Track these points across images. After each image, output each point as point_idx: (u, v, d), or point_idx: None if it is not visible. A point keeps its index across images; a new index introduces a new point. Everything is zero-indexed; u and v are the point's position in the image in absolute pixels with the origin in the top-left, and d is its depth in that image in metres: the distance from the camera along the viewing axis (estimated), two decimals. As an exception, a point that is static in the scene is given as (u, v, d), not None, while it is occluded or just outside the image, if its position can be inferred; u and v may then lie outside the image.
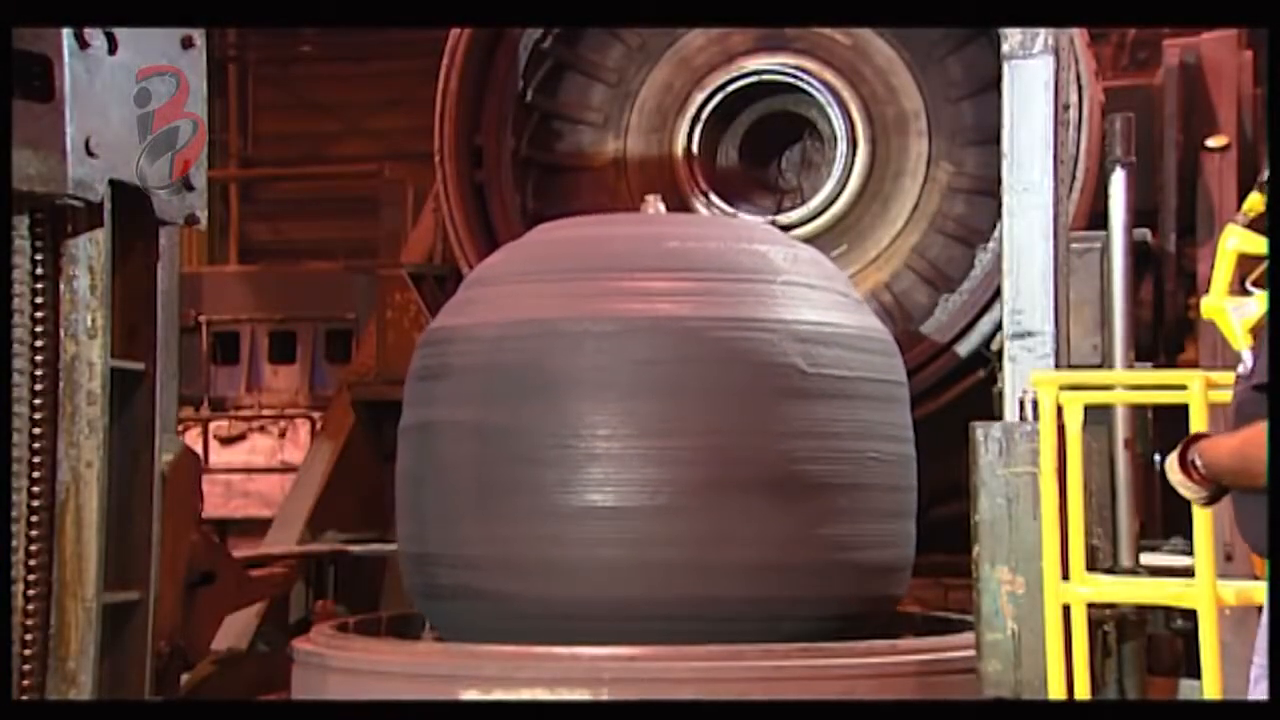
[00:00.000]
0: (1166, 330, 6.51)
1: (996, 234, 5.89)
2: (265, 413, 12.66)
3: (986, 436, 4.18)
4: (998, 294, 4.91)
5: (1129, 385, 4.24)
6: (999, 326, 5.86)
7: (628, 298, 5.03)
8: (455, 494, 5.06)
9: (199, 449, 11.67)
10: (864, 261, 6.77)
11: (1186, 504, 3.69)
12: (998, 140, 4.49)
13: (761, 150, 7.08)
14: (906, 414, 5.26)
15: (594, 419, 4.87)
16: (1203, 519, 3.69)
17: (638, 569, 4.82)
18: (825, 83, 6.75)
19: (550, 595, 4.85)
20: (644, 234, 5.34)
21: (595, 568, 4.84)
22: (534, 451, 4.89)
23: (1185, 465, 3.15)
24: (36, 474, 4.13)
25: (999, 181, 4.50)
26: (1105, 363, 4.74)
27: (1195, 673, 3.79)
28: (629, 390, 4.89)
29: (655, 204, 5.55)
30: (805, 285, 5.21)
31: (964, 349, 6.39)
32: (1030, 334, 4.29)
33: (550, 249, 5.39)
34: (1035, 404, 4.05)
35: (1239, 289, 3.80)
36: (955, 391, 6.36)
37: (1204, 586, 3.69)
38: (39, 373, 4.14)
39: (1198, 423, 3.67)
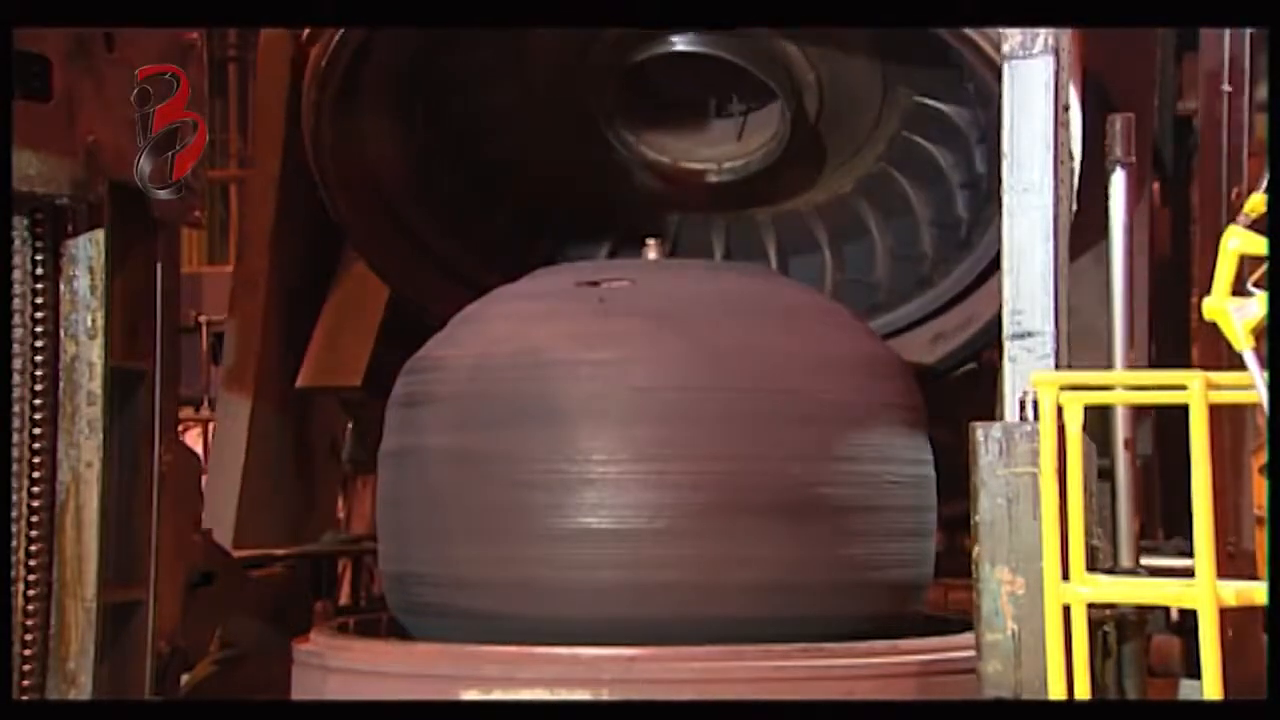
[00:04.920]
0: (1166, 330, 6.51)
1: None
2: (265, 413, 12.61)
3: (986, 437, 4.18)
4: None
5: (1129, 385, 4.24)
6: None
7: (625, 327, 5.05)
8: (441, 515, 5.06)
9: (199, 449, 11.64)
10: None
11: (1187, 504, 3.70)
12: (998, 140, 4.48)
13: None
14: (923, 436, 5.26)
15: (589, 444, 4.86)
16: (1203, 519, 3.69)
17: (635, 590, 4.82)
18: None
19: (543, 615, 4.85)
20: (641, 274, 5.39)
21: (590, 589, 4.84)
22: (525, 475, 4.88)
23: None
24: (36, 474, 4.15)
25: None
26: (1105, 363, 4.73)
27: (1195, 673, 3.79)
28: (628, 417, 4.89)
29: (655, 249, 5.59)
30: (810, 315, 5.23)
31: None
32: (1030, 334, 4.28)
33: (543, 285, 5.41)
34: (1035, 404, 4.05)
35: (1240, 290, 3.79)
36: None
37: (1204, 586, 3.68)
38: (39, 373, 4.15)
39: (1198, 423, 3.67)
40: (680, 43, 6.24)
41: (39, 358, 4.15)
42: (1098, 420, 4.22)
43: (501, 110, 6.70)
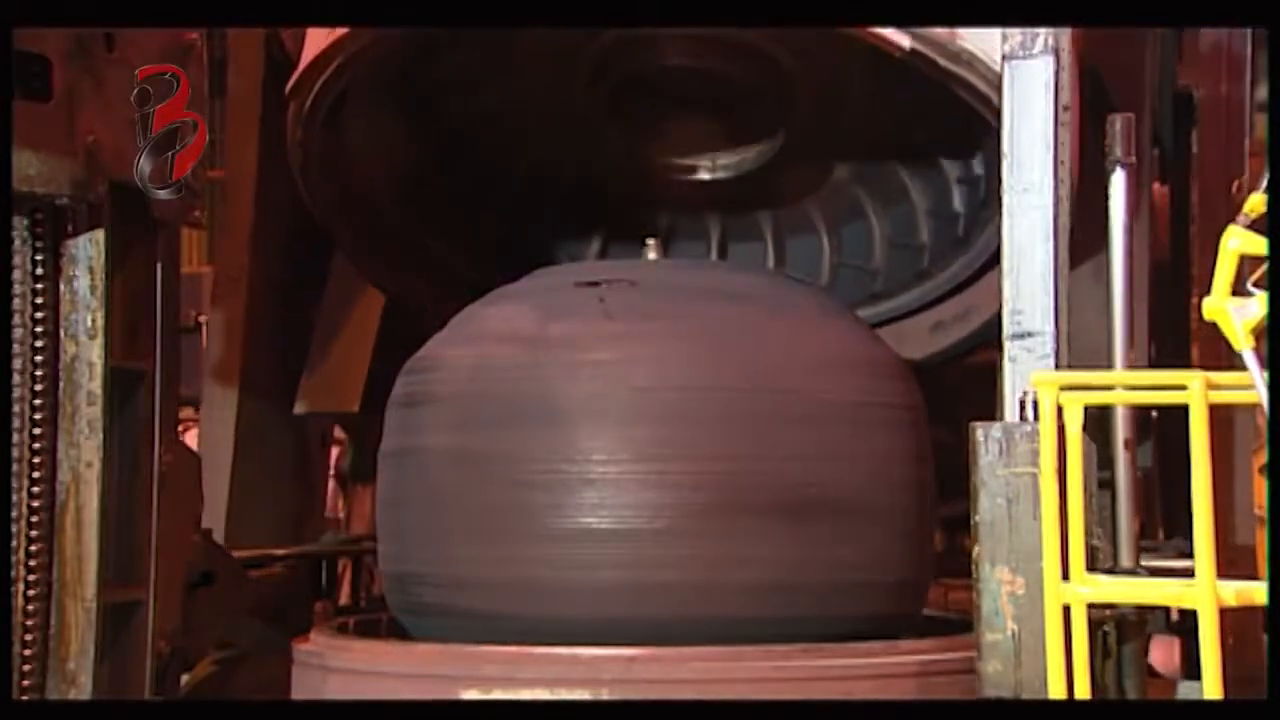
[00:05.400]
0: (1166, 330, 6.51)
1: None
2: (265, 413, 12.58)
3: (986, 437, 4.18)
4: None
5: (1129, 385, 4.24)
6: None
7: (625, 327, 5.05)
8: (441, 515, 5.05)
9: (199, 449, 11.64)
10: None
11: (1187, 504, 3.70)
12: (998, 140, 4.49)
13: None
14: (923, 436, 5.26)
15: (589, 444, 4.86)
16: (1203, 519, 3.69)
17: (635, 590, 4.82)
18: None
19: (543, 615, 4.84)
20: (641, 274, 5.39)
21: (590, 589, 4.83)
22: (525, 475, 4.88)
23: None
24: (36, 474, 4.15)
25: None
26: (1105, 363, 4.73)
27: (1195, 673, 3.79)
28: (628, 417, 4.89)
29: (655, 249, 5.59)
30: (811, 316, 5.23)
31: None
32: (1030, 334, 4.28)
33: (543, 285, 5.42)
34: (1035, 404, 4.05)
35: (1240, 290, 3.79)
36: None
37: (1204, 586, 3.69)
38: (39, 373, 4.16)
39: (1198, 423, 3.67)
40: (673, 54, 6.25)
41: (39, 358, 4.16)
42: (1097, 426, 4.22)
43: (495, 110, 6.70)
